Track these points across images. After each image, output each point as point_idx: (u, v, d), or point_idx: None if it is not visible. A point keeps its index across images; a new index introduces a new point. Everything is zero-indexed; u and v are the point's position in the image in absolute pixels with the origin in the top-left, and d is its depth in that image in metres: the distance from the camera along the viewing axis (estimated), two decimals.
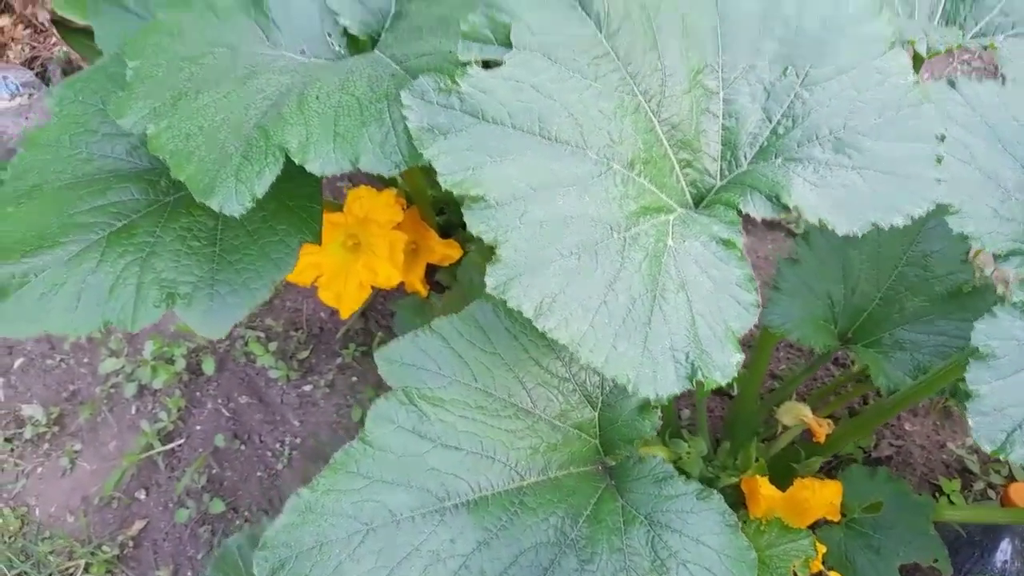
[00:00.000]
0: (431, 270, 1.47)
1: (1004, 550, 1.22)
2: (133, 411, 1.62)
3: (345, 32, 0.98)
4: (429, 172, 0.67)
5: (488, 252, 0.64)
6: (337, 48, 0.99)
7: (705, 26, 0.72)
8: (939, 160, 0.69)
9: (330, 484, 0.71)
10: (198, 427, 1.59)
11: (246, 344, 1.63)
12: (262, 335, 1.64)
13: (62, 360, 1.67)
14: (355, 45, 0.98)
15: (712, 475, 1.13)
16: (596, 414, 0.82)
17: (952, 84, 0.74)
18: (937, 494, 1.33)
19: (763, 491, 1.05)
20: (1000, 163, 0.71)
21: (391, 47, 0.88)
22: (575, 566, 0.72)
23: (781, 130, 0.72)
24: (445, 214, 1.52)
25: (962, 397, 0.66)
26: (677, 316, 0.66)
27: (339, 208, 1.31)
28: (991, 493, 1.34)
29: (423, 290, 1.42)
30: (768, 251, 1.70)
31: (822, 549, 1.01)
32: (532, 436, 0.78)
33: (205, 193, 0.75)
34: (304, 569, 0.68)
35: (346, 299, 1.33)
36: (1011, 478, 1.32)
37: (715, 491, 0.78)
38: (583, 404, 0.81)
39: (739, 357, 0.65)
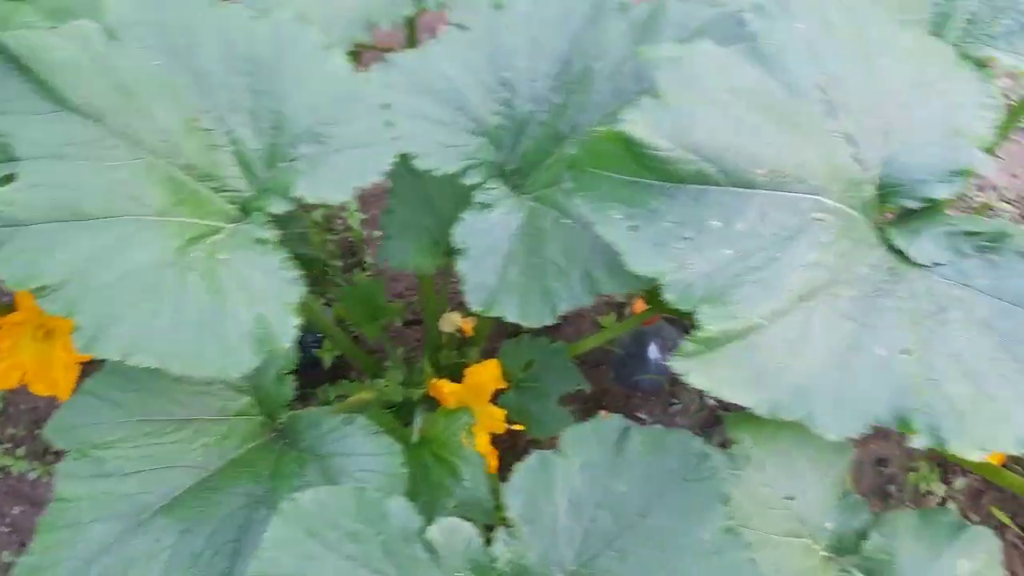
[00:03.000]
0: None
1: (653, 350, 1.59)
2: None
3: None
4: None
5: None
6: None
7: (181, 83, 0.91)
8: (390, 123, 0.94)
9: (44, 543, 0.86)
10: None
11: None
12: (8, 445, 1.69)
13: None
14: None
15: (411, 394, 1.38)
16: (250, 397, 1.02)
17: (387, 62, 0.98)
18: (602, 328, 1.67)
19: (445, 389, 1.32)
20: (436, 108, 0.97)
21: None
22: (265, 514, 0.92)
23: (274, 140, 0.93)
24: None
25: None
26: (241, 309, 0.86)
27: (11, 309, 1.39)
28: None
29: None
30: None
31: (503, 412, 1.30)
32: (203, 436, 0.97)
33: None
34: None
35: (60, 384, 1.42)
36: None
37: (357, 415, 1.02)
38: (235, 395, 1.01)
39: (296, 321, 0.87)
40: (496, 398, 1.34)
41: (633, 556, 0.82)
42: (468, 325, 1.34)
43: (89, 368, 1.70)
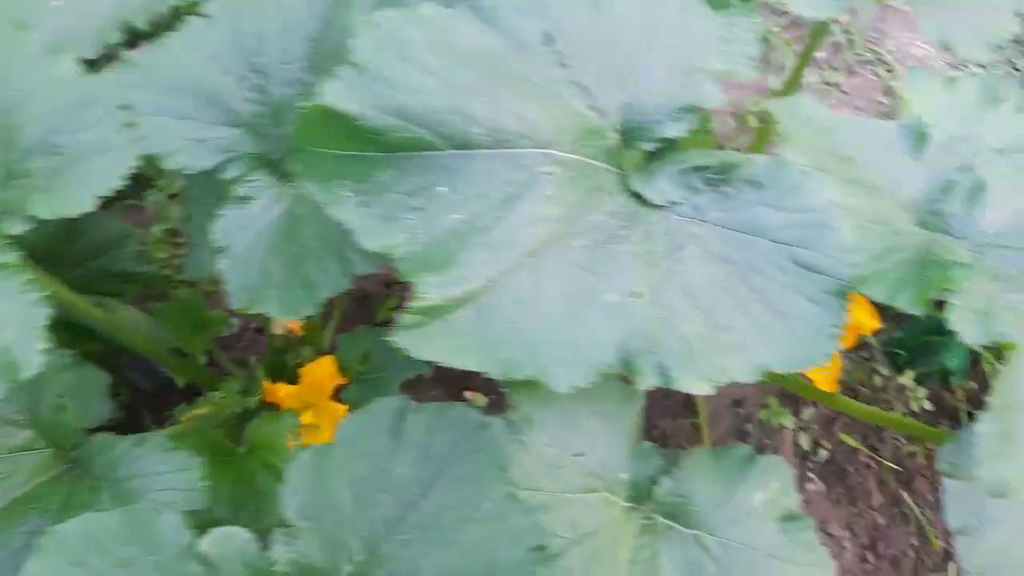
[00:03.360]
0: None
1: None
2: None
3: None
4: None
5: None
6: None
7: None
8: (131, 124, 0.89)
9: None
10: None
11: None
12: None
13: None
14: None
15: (251, 403, 1.34)
16: (31, 431, 0.97)
17: (124, 61, 0.93)
18: None
19: (281, 392, 1.28)
20: (181, 103, 0.92)
21: None
22: None
23: (5, 158, 0.88)
24: None
25: None
26: None
27: None
28: None
29: None
30: None
31: (344, 407, 1.27)
32: None
33: None
34: None
35: None
36: None
37: (150, 433, 0.97)
38: (12, 430, 0.96)
39: (43, 346, 0.82)
40: (338, 394, 1.31)
41: (417, 538, 0.80)
42: (296, 325, 1.31)
43: None
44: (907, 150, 0.93)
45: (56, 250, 1.23)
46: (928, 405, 1.45)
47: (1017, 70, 2.11)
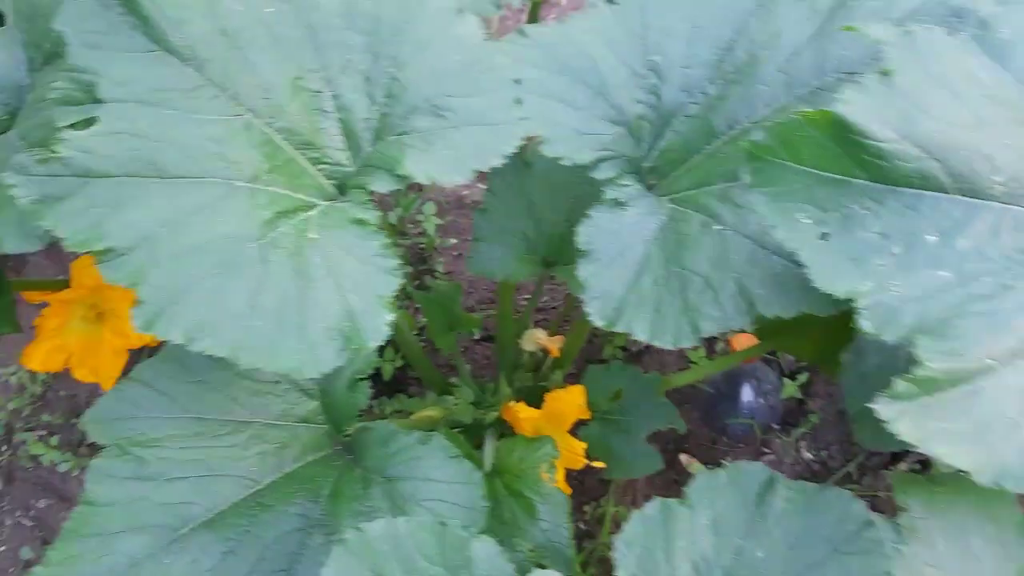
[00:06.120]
0: None
1: (747, 392, 1.43)
2: None
3: None
4: None
5: None
6: None
7: (293, 36, 0.79)
8: (519, 101, 0.81)
9: (63, 553, 0.73)
10: (2, 548, 1.51)
11: (28, 449, 1.56)
12: (43, 433, 1.58)
13: None
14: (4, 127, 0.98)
15: (482, 416, 1.24)
16: (318, 403, 0.89)
17: (521, 32, 0.86)
18: (690, 363, 1.52)
19: (522, 415, 1.17)
20: (572, 89, 0.84)
21: (21, 123, 0.89)
22: (321, 541, 0.79)
23: (387, 110, 0.81)
24: None
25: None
26: (328, 299, 0.73)
27: (65, 284, 1.29)
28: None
29: None
30: None
31: (583, 445, 1.15)
32: (258, 443, 0.83)
33: None
34: None
35: (103, 371, 1.30)
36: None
37: (436, 434, 0.88)
38: (302, 398, 0.88)
39: (390, 317, 0.74)
40: (576, 429, 1.19)
41: None
42: (554, 345, 1.20)
43: (144, 354, 1.59)
44: None
45: None
46: None
47: None
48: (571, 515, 0.99)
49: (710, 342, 1.55)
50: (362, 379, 0.87)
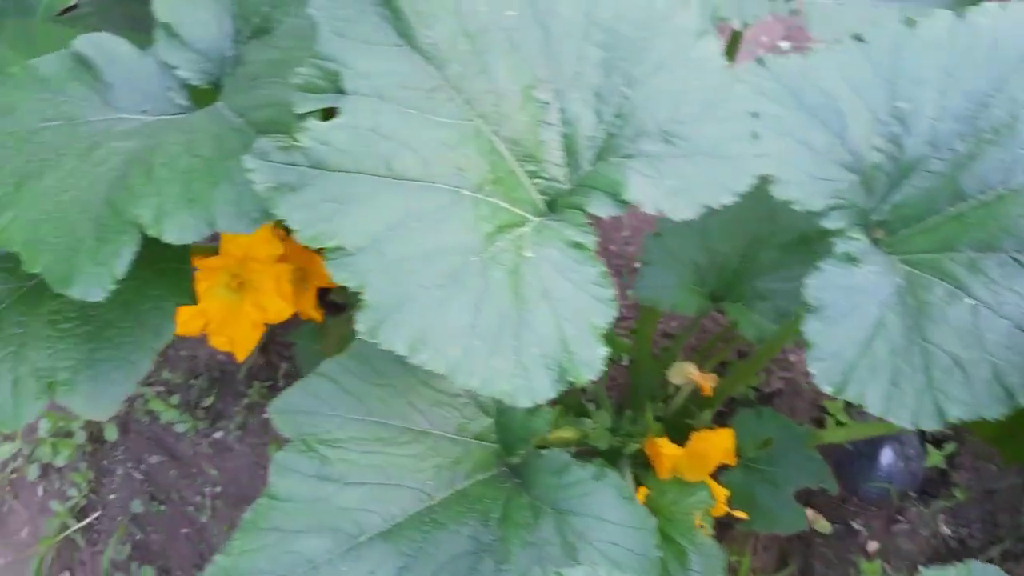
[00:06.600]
0: (323, 292, 1.47)
1: (887, 455, 1.35)
2: (40, 493, 1.56)
3: (185, 84, 0.97)
4: None
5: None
6: (180, 102, 0.97)
7: (530, 41, 0.76)
8: (756, 136, 0.76)
9: (244, 545, 0.72)
10: (112, 496, 1.54)
11: (146, 402, 1.59)
12: (161, 389, 1.60)
13: None
14: (199, 96, 0.97)
15: (618, 444, 1.19)
16: (493, 421, 0.86)
17: (761, 62, 0.81)
18: (826, 415, 1.45)
19: (664, 451, 1.13)
20: (809, 129, 0.79)
21: (232, 97, 0.88)
22: (492, 568, 0.76)
23: (614, 130, 0.77)
24: None
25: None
26: (543, 323, 0.70)
27: (214, 252, 1.29)
28: None
29: (317, 316, 1.42)
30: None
31: (725, 492, 1.10)
32: (435, 455, 0.81)
33: (63, 283, 0.74)
34: None
35: (240, 342, 1.31)
36: None
37: (609, 469, 0.84)
38: (479, 414, 0.85)
39: (604, 351, 0.70)
40: (716, 474, 1.14)
41: None
42: (708, 384, 1.15)
43: (276, 329, 1.59)
44: None
45: None
46: None
47: None
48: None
49: None
50: (544, 405, 0.83)
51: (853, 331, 0.72)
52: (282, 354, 1.63)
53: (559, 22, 0.77)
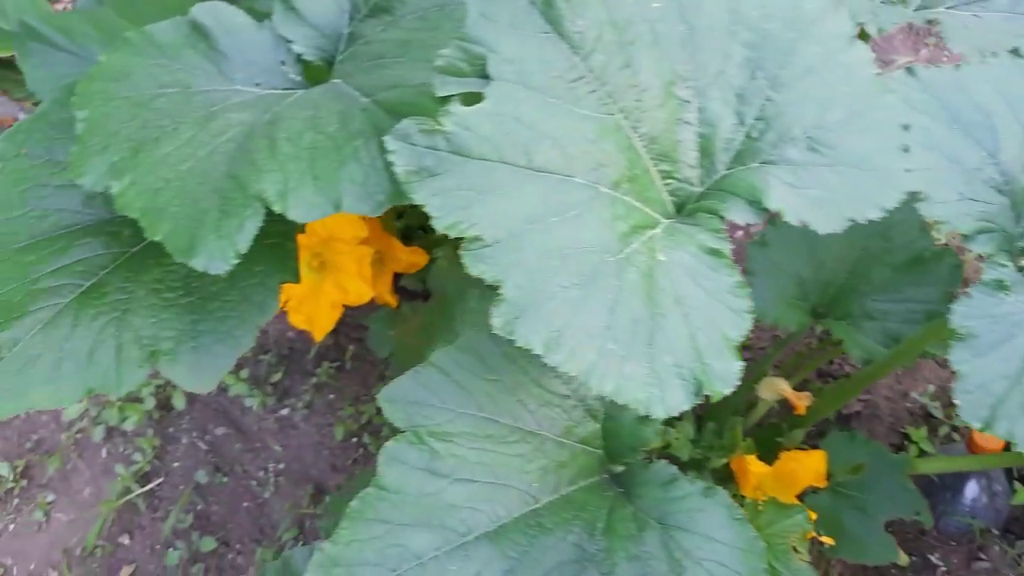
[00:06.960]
0: (397, 277, 1.46)
1: (972, 488, 1.30)
2: (104, 455, 1.58)
3: (299, 59, 0.95)
4: None
5: (455, 258, 0.64)
6: (293, 76, 0.96)
7: (674, 36, 0.73)
8: (906, 149, 0.72)
9: (351, 535, 0.70)
10: (176, 464, 1.55)
11: None
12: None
13: None
14: (311, 72, 0.96)
15: (701, 456, 1.16)
16: (599, 426, 0.83)
17: (911, 71, 0.77)
18: (906, 442, 1.40)
19: (752, 468, 1.09)
20: (961, 146, 0.75)
21: (353, 75, 0.87)
22: None
23: (755, 134, 0.74)
24: (403, 218, 1.50)
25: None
26: (676, 331, 0.67)
27: (301, 229, 1.29)
28: (955, 436, 1.42)
29: (393, 301, 1.41)
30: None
31: (813, 515, 1.06)
32: (541, 457, 0.79)
33: (185, 253, 0.73)
34: None
35: (318, 321, 1.31)
36: None
37: (719, 488, 0.81)
38: (586, 418, 0.83)
39: (739, 364, 0.67)
40: (802, 496, 1.11)
41: None
42: (802, 402, 1.11)
43: (347, 311, 1.59)
44: None
45: None
46: None
47: None
48: None
49: (934, 427, 1.42)
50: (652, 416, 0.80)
51: (1003, 363, 0.68)
52: (351, 335, 1.62)
53: (703, 18, 0.73)
